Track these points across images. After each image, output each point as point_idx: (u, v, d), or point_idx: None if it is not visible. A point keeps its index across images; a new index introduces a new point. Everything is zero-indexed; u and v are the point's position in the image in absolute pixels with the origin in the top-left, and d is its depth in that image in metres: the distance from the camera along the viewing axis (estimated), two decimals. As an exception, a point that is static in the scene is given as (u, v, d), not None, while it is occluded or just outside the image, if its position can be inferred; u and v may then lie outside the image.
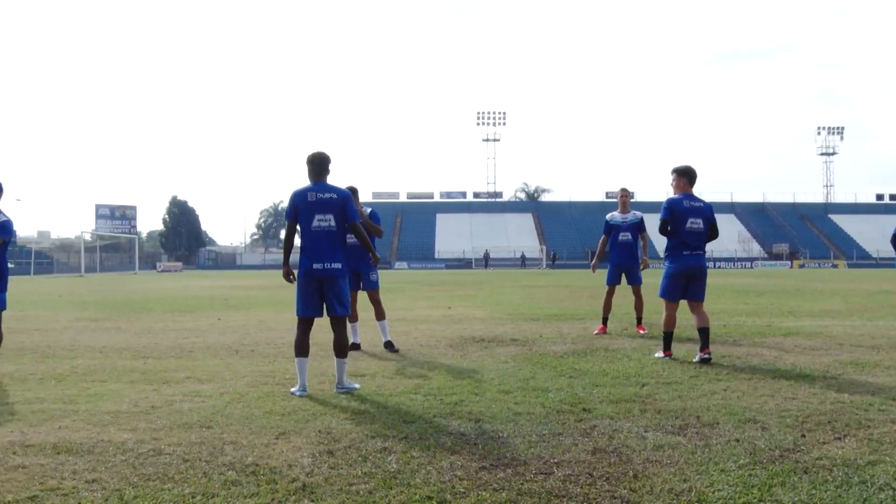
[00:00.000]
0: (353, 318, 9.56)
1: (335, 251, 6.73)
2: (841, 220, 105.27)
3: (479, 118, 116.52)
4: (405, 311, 15.94)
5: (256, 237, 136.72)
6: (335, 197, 6.73)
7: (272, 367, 8.11)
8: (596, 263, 12.07)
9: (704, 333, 8.17)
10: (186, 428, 5.30)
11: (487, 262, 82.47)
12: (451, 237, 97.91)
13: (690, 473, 4.15)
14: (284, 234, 7.10)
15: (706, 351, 8.06)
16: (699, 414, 5.61)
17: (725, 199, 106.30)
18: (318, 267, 6.66)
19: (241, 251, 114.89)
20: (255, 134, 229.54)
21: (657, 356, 8.47)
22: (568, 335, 10.90)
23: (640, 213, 11.63)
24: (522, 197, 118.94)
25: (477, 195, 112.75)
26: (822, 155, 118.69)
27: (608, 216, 11.65)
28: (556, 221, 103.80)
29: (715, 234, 8.56)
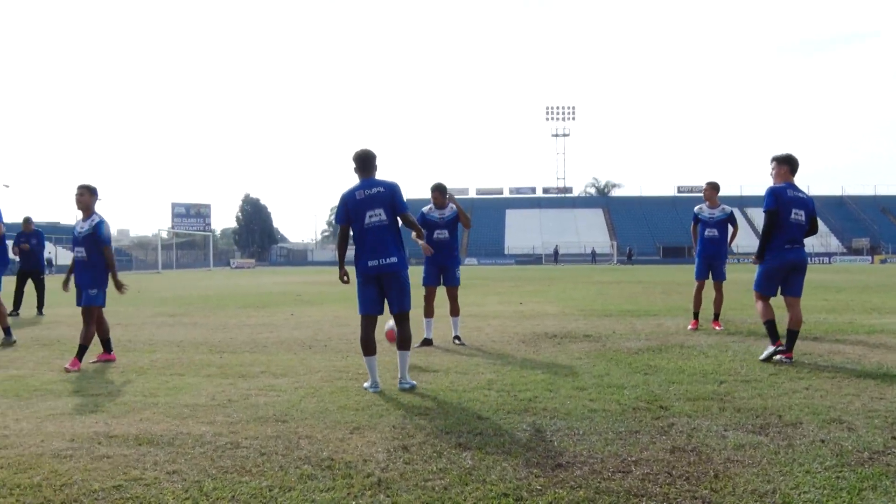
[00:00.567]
0: (429, 313, 9.63)
1: (390, 246, 6.66)
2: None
3: (548, 113, 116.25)
4: (476, 306, 15.91)
5: (327, 234, 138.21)
6: (383, 190, 6.70)
7: (345, 362, 8.17)
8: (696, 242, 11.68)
9: (793, 336, 7.81)
10: (262, 422, 5.37)
11: (557, 257, 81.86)
12: (520, 233, 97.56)
13: (774, 474, 4.03)
14: (337, 237, 7.08)
15: (789, 355, 7.73)
16: (781, 413, 5.44)
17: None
18: (373, 264, 6.62)
19: (312, 248, 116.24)
20: (326, 132, 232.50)
21: (768, 352, 7.80)
22: (642, 331, 10.73)
23: (729, 207, 11.33)
24: (592, 192, 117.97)
25: (546, 190, 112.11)
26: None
27: (696, 208, 11.43)
28: (626, 216, 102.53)
29: (815, 228, 8.00)
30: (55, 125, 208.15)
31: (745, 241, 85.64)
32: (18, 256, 16.18)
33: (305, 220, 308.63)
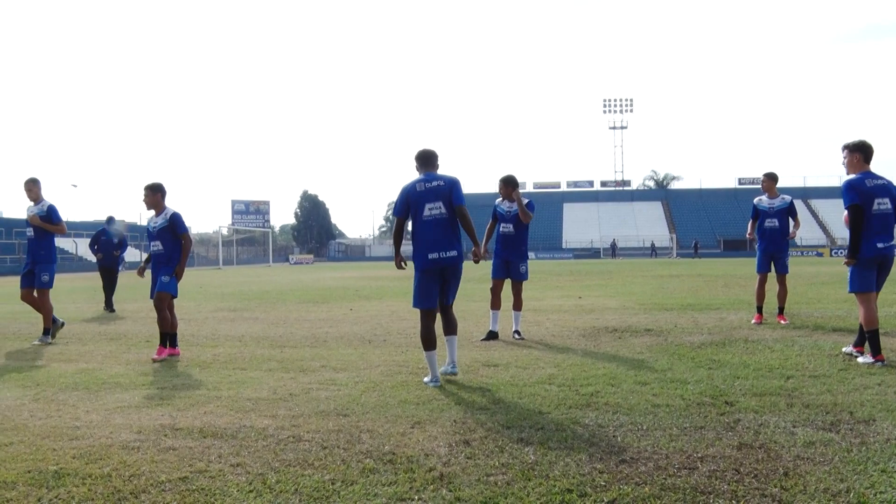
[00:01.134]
0: (495, 305, 9.68)
1: (450, 238, 6.69)
2: None
3: (605, 106, 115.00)
4: (536, 301, 15.81)
5: (384, 229, 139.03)
6: (442, 184, 6.74)
7: (405, 356, 8.19)
8: (752, 235, 11.40)
9: (863, 331, 7.46)
10: (324, 416, 5.40)
11: (615, 251, 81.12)
12: (578, 226, 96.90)
13: (847, 473, 3.90)
14: (393, 229, 7.15)
15: (861, 349, 7.47)
16: (852, 409, 5.27)
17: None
18: (433, 256, 6.63)
19: (369, 243, 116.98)
20: (384, 128, 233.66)
21: (863, 361, 7.17)
22: (704, 325, 10.55)
23: (788, 196, 11.12)
24: (651, 185, 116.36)
25: (604, 184, 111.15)
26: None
27: (755, 200, 11.25)
28: (686, 209, 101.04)
29: None
30: (121, 126, 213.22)
31: (808, 233, 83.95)
32: (100, 253, 16.42)
33: (363, 215, 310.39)
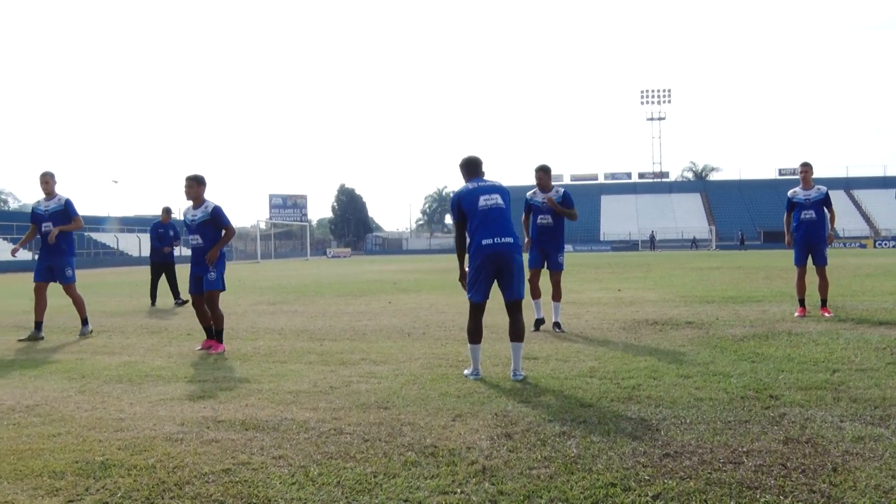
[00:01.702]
0: (535, 294, 9.69)
1: (506, 227, 6.50)
2: None
3: (642, 97, 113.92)
4: (575, 293, 15.72)
5: (421, 222, 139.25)
6: (497, 184, 6.73)
7: (444, 349, 8.18)
8: (789, 239, 11.25)
9: None
10: (364, 408, 5.41)
11: (654, 243, 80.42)
12: (616, 219, 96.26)
13: (899, 469, 3.81)
14: (455, 237, 6.95)
15: None
16: (902, 404, 5.16)
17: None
18: (487, 242, 6.39)
19: (407, 236, 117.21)
20: (419, 121, 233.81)
21: None
22: (746, 318, 10.40)
23: (824, 187, 10.96)
24: (690, 176, 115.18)
25: (642, 175, 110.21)
26: None
27: (790, 192, 11.08)
28: (725, 201, 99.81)
29: None
30: (161, 122, 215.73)
31: (851, 224, 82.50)
32: (168, 247, 16.09)
33: (400, 208, 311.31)
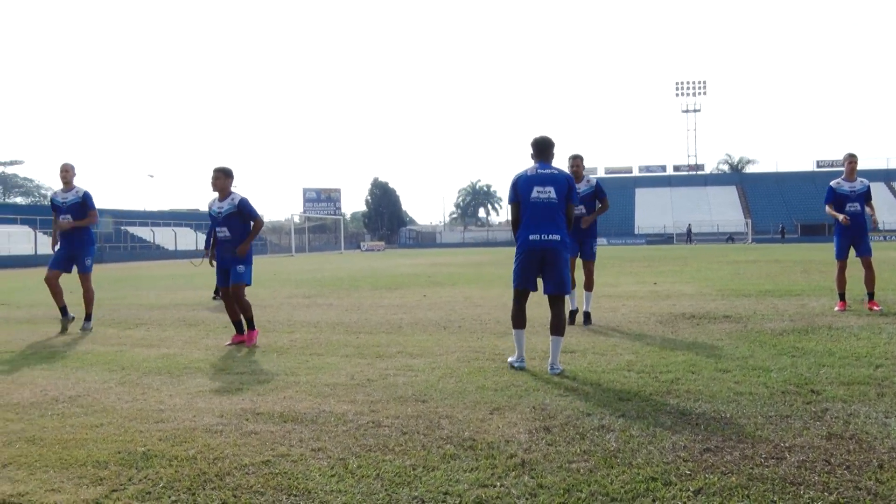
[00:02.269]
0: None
1: (554, 223, 6.53)
2: None
3: (677, 89, 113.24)
4: (610, 287, 15.62)
5: (455, 216, 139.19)
6: (557, 173, 6.67)
7: (481, 342, 8.14)
8: (844, 217, 10.83)
9: None
10: (402, 401, 5.39)
11: (690, 236, 79.67)
12: (650, 212, 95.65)
13: (950, 466, 3.71)
14: (511, 216, 6.99)
15: None
16: (951, 400, 5.03)
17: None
18: (534, 238, 6.50)
19: (440, 230, 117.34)
20: (452, 114, 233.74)
21: None
22: (785, 312, 10.24)
23: (867, 180, 10.74)
24: (725, 169, 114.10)
25: (677, 168, 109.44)
26: None
27: (833, 183, 10.82)
28: (761, 194, 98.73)
29: None
30: (196, 117, 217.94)
31: (891, 217, 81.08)
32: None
33: (433, 202, 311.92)
